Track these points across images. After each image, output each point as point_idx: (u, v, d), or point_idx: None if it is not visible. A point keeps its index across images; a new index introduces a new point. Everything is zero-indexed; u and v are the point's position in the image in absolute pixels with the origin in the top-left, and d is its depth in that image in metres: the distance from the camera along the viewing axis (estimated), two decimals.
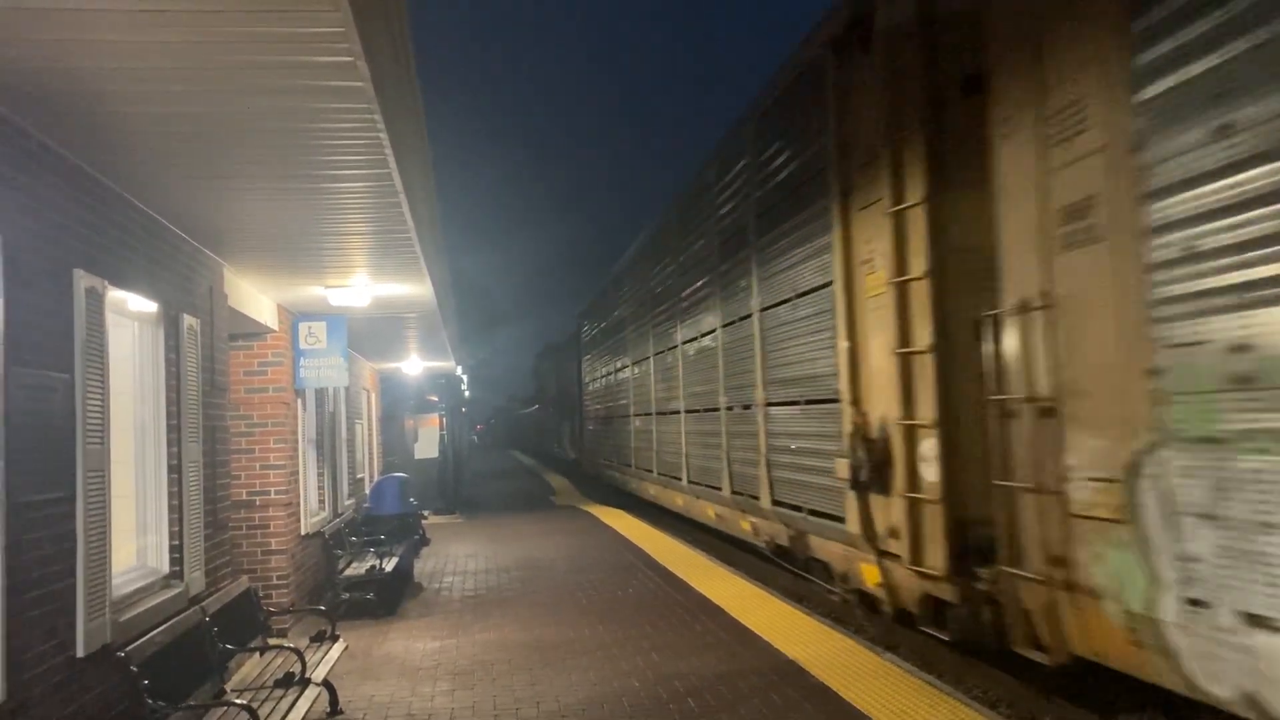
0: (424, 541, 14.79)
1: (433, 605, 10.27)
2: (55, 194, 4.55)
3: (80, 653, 4.53)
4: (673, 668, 7.30)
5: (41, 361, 4.31)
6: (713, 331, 12.14)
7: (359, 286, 8.66)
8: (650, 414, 16.69)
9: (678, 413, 14.47)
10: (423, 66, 6.19)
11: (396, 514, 13.19)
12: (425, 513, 17.34)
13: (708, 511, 13.00)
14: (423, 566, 12.90)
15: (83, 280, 4.72)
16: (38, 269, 4.32)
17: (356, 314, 10.45)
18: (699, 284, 12.92)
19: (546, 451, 44.93)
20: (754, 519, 10.70)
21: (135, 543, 5.95)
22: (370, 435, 18.08)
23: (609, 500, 22.16)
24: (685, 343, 13.86)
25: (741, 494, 11.01)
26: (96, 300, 4.87)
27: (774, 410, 9.85)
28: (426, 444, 22.62)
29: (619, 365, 20.08)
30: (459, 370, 25.10)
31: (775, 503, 9.79)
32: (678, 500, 14.85)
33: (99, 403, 4.85)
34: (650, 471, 16.78)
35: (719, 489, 11.95)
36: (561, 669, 7.41)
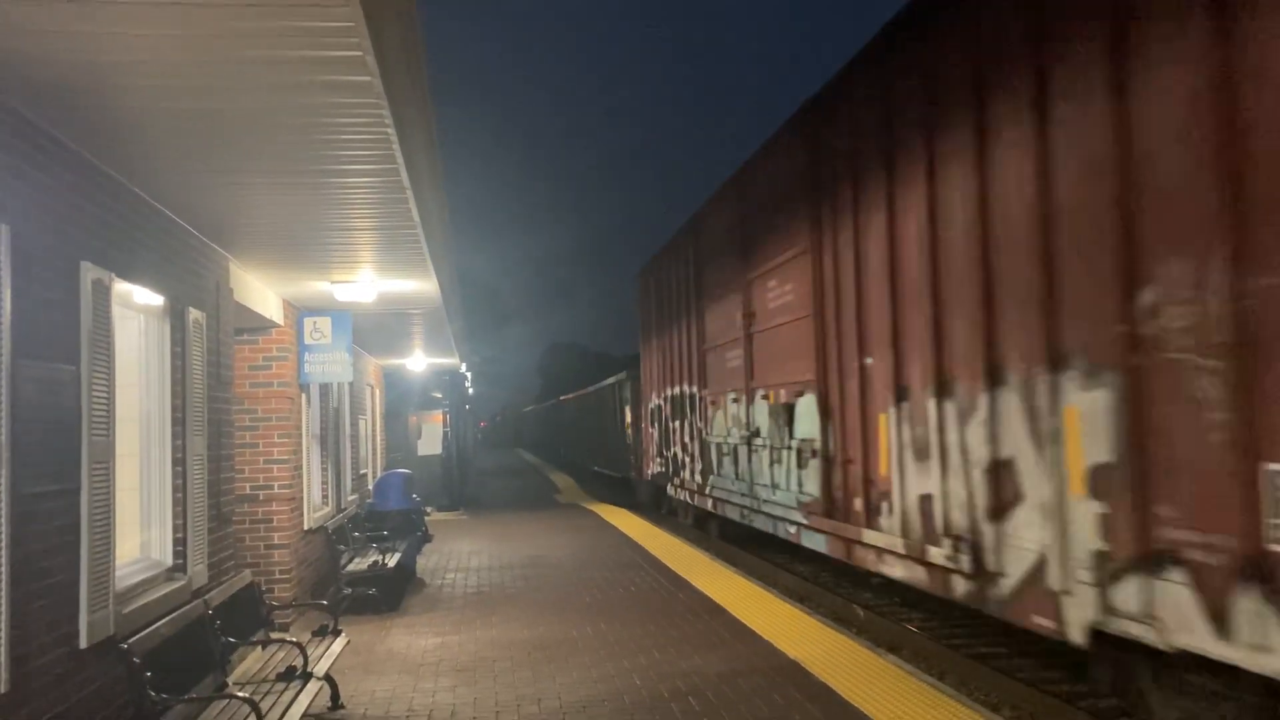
0: (427, 538, 14.76)
1: (435, 601, 10.27)
2: (63, 187, 4.55)
3: (83, 644, 4.54)
4: (674, 666, 7.30)
5: (48, 354, 4.31)
6: None
7: (365, 282, 8.67)
8: None
9: None
10: (433, 62, 6.18)
11: (400, 510, 13.18)
12: (429, 509, 17.35)
13: None
14: (425, 563, 12.92)
15: (90, 273, 4.73)
16: (45, 261, 4.32)
17: (362, 309, 10.46)
18: None
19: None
20: None
21: (139, 535, 5.96)
22: (374, 431, 18.09)
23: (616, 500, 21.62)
24: None
25: None
26: (103, 293, 4.88)
27: None
28: (430, 440, 22.63)
29: None
30: (464, 367, 25.10)
31: None
32: None
33: (104, 395, 4.86)
34: None
35: None
36: (563, 666, 7.41)
